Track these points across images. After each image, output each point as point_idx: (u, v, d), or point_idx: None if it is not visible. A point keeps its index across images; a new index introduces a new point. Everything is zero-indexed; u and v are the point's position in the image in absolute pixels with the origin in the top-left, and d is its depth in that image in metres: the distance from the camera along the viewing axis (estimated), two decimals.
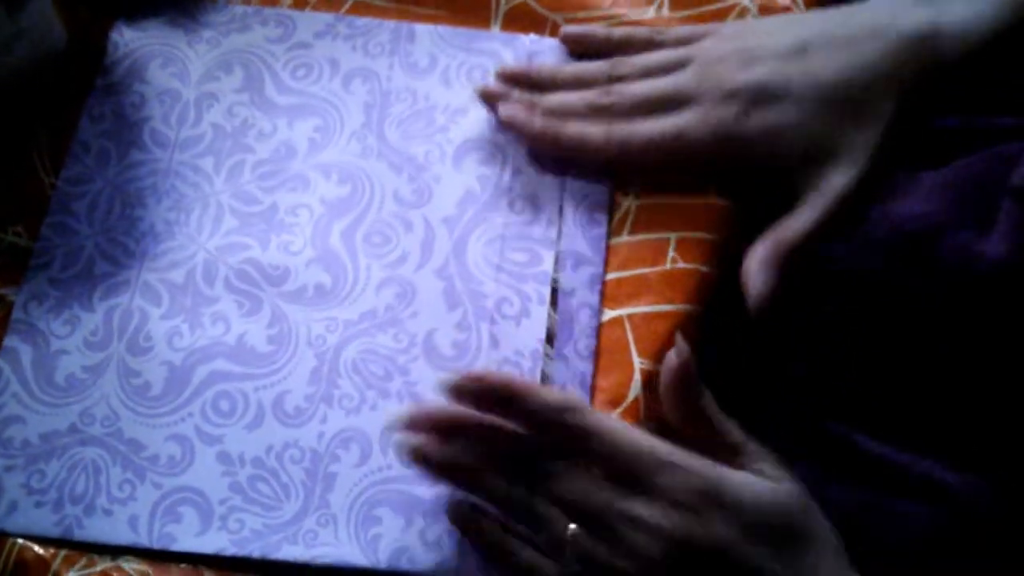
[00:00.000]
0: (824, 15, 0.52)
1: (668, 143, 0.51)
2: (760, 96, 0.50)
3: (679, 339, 0.45)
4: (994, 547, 0.46)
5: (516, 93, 0.54)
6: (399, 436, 0.45)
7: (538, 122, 0.53)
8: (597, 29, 0.56)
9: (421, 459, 0.44)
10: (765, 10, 0.57)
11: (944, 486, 0.49)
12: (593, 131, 0.52)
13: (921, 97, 0.49)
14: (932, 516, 0.46)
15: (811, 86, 0.49)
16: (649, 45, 0.54)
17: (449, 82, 0.55)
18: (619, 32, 0.56)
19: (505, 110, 0.53)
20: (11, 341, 0.50)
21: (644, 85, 0.52)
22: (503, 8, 0.58)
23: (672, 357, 0.45)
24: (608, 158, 0.52)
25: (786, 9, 0.57)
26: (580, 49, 0.56)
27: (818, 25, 0.51)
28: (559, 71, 0.54)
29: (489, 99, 0.54)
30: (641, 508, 0.42)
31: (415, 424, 0.45)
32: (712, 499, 0.42)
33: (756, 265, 0.49)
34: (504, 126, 0.54)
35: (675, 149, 0.51)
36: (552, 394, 0.44)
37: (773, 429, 0.47)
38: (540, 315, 0.50)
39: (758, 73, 0.50)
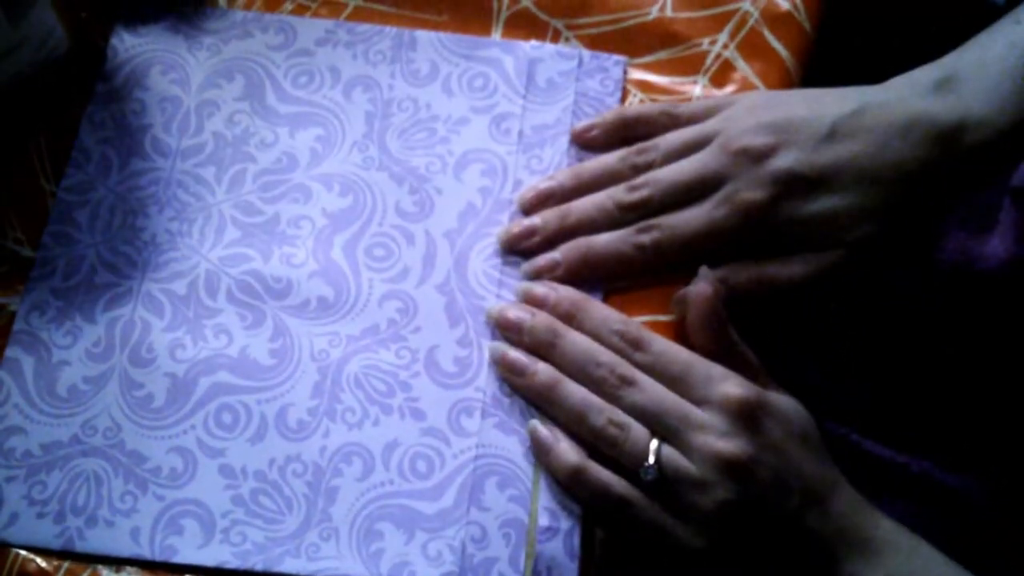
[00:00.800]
0: (848, 96, 0.50)
1: (702, 239, 0.50)
2: (793, 184, 0.49)
3: (704, 271, 0.48)
4: (991, 547, 0.48)
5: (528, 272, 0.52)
6: (492, 345, 0.50)
7: (565, 268, 0.51)
8: (606, 116, 0.54)
9: (507, 367, 0.49)
10: (767, 14, 0.57)
11: (942, 486, 0.51)
12: (625, 249, 0.50)
13: (943, 184, 0.49)
14: (930, 516, 0.47)
15: (843, 175, 0.48)
16: (666, 122, 0.53)
17: (451, 91, 0.55)
18: (631, 112, 0.54)
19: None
20: (13, 352, 0.50)
21: (671, 172, 0.50)
22: (504, 14, 0.58)
23: (700, 288, 0.47)
24: (645, 265, 0.51)
25: (787, 14, 0.57)
26: (591, 142, 0.54)
27: (845, 107, 0.50)
28: (582, 171, 0.52)
29: (512, 243, 0.52)
30: (706, 417, 0.45)
31: (505, 325, 0.50)
32: (762, 409, 0.46)
33: (707, 283, 0.49)
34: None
35: (709, 241, 0.50)
36: (613, 311, 0.49)
37: None
38: None
39: (790, 160, 0.49)
